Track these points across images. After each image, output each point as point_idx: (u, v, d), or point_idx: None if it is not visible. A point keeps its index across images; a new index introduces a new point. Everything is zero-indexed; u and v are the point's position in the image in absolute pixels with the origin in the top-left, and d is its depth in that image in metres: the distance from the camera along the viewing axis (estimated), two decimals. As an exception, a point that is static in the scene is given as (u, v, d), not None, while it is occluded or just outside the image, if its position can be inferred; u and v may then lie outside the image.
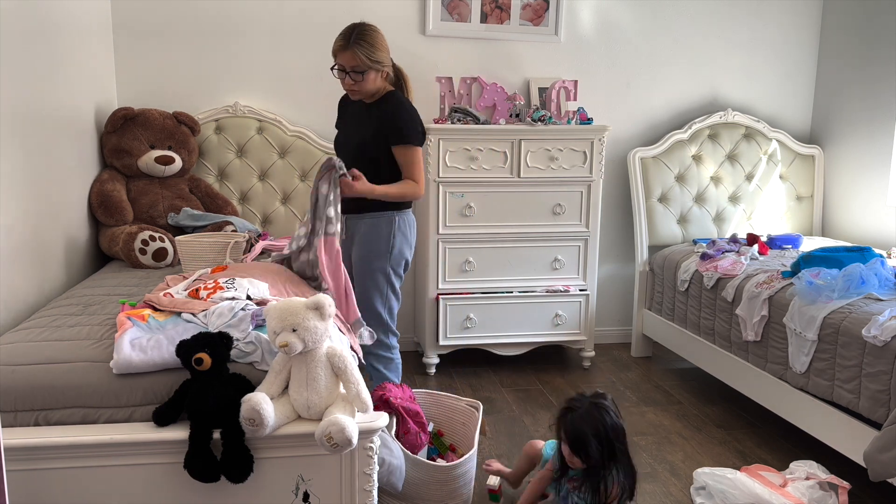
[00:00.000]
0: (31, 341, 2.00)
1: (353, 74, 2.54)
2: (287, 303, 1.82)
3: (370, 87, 2.58)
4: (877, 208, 3.84)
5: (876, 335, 2.42)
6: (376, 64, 2.54)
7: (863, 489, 2.55)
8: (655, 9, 4.02)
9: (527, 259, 3.70)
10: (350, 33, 2.53)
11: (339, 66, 2.57)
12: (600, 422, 2.02)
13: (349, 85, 2.58)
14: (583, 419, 2.03)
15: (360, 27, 2.55)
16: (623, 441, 2.06)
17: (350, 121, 2.71)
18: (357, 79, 2.55)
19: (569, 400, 2.13)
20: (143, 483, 1.77)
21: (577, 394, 2.16)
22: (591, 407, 2.05)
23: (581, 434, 2.01)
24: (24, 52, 2.54)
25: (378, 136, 2.59)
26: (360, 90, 2.58)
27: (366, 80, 2.55)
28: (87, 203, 3.13)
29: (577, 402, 2.09)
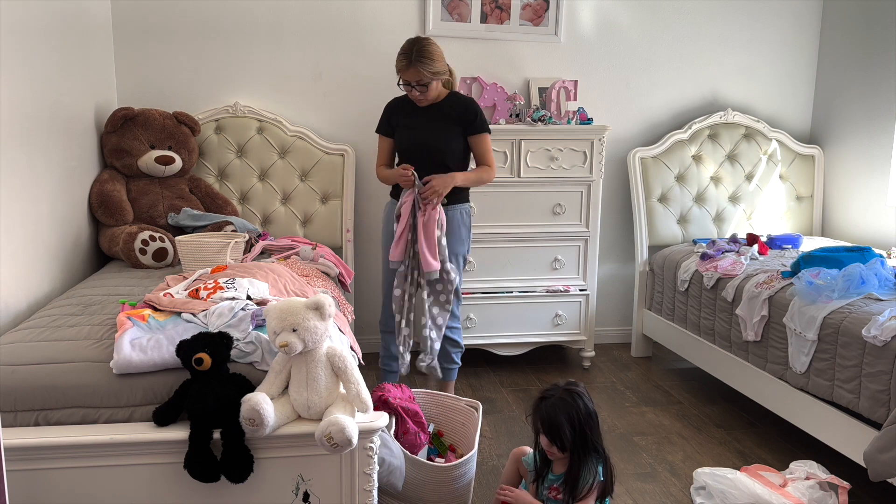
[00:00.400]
0: (31, 341, 2.00)
1: (419, 87, 2.86)
2: (287, 303, 1.82)
3: (434, 94, 2.91)
4: (877, 208, 3.84)
5: (876, 335, 2.42)
6: (437, 75, 2.87)
7: (863, 489, 2.55)
8: (655, 9, 4.02)
9: (527, 259, 3.70)
10: (410, 52, 2.81)
11: (405, 81, 2.87)
12: (573, 407, 2.05)
13: (417, 96, 2.89)
14: (556, 406, 2.05)
15: (418, 44, 2.83)
16: (595, 426, 2.09)
17: (422, 122, 2.95)
18: (423, 90, 2.87)
19: (543, 391, 2.15)
20: (143, 483, 1.77)
21: (551, 384, 2.18)
22: (564, 394, 2.08)
23: (555, 419, 2.04)
24: (25, 53, 2.54)
25: (458, 129, 2.93)
26: (426, 98, 2.91)
27: (430, 89, 2.87)
28: (87, 203, 3.13)
29: (550, 391, 2.12)
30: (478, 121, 2.95)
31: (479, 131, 2.96)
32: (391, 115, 3.04)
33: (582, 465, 2.05)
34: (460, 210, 2.99)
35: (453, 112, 2.94)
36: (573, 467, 2.06)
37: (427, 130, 2.93)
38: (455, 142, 2.94)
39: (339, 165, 3.67)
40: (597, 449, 2.08)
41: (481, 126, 2.96)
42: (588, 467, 2.06)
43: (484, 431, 3.01)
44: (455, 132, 2.94)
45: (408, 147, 2.98)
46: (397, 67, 2.85)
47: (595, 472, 2.06)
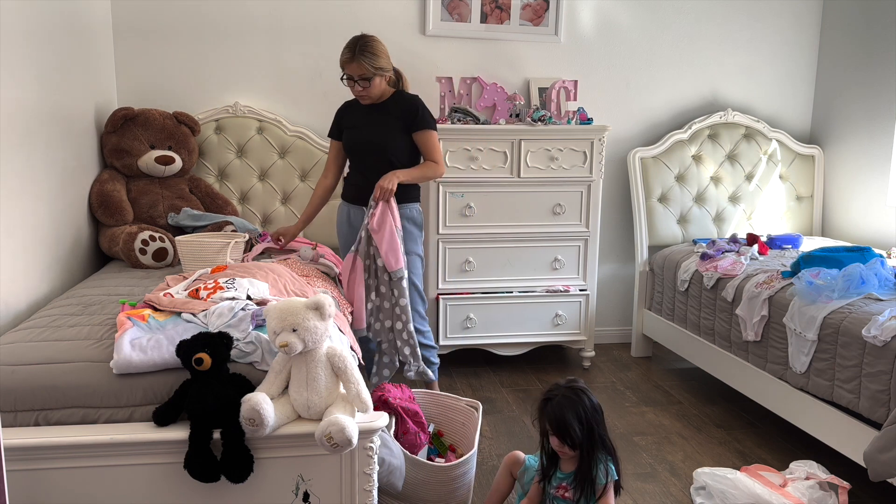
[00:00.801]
0: (31, 341, 2.00)
1: (361, 82, 2.87)
2: (287, 303, 1.82)
3: (376, 91, 2.92)
4: (877, 208, 3.84)
5: (876, 335, 2.42)
6: (380, 70, 2.87)
7: (863, 489, 2.55)
8: (655, 9, 4.02)
9: (527, 259, 3.70)
10: (354, 46, 2.84)
11: (347, 75, 2.89)
12: (579, 404, 2.06)
13: (358, 91, 2.91)
14: (562, 405, 2.06)
15: (363, 40, 2.86)
16: (601, 420, 2.10)
17: (363, 122, 2.98)
18: (365, 85, 2.88)
19: (546, 392, 2.16)
20: (143, 483, 1.77)
21: (552, 384, 2.18)
22: (567, 392, 2.09)
23: (563, 418, 2.04)
24: (25, 52, 2.54)
25: (401, 128, 2.95)
26: (368, 95, 2.92)
27: (372, 85, 2.88)
28: (87, 203, 3.13)
29: (553, 391, 2.13)
30: (419, 117, 2.95)
31: (422, 127, 2.96)
32: (339, 116, 3.09)
33: (592, 461, 2.06)
34: (409, 209, 3.00)
35: (396, 110, 2.96)
36: (583, 464, 2.07)
37: (370, 129, 2.96)
38: (398, 139, 2.96)
39: (339, 165, 3.67)
40: (604, 442, 2.09)
41: (423, 122, 2.96)
42: (598, 462, 2.07)
43: (484, 431, 3.01)
44: (397, 129, 2.95)
45: (352, 146, 3.02)
46: (341, 61, 2.87)
47: (607, 468, 2.07)
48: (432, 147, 2.99)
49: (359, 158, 3.00)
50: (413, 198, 3.03)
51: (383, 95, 2.98)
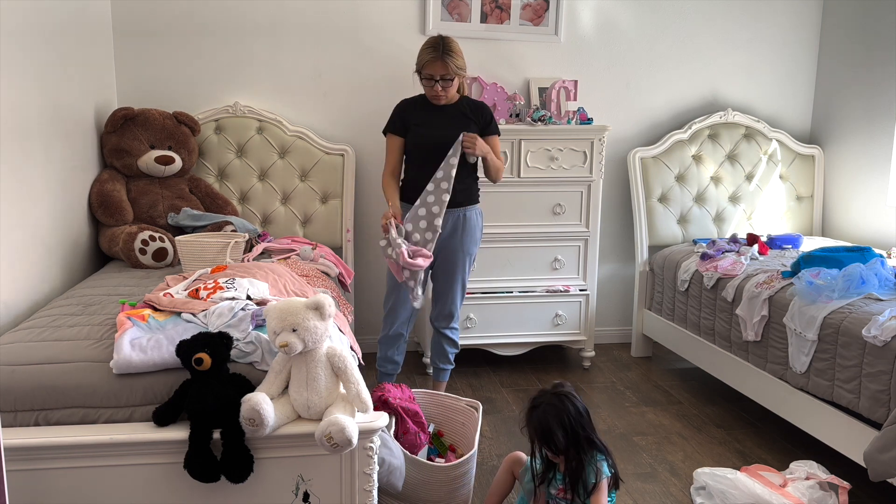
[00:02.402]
0: (31, 341, 2.00)
1: (442, 82, 2.86)
2: (287, 303, 1.82)
3: (453, 91, 2.93)
4: (877, 208, 3.84)
5: (876, 335, 2.42)
6: (461, 71, 2.88)
7: (863, 489, 2.55)
8: (655, 9, 4.02)
9: (527, 259, 3.70)
10: (438, 46, 2.84)
11: (428, 75, 2.86)
12: (563, 411, 2.06)
13: (437, 91, 2.89)
14: (546, 413, 2.06)
15: (446, 40, 2.86)
16: (588, 423, 2.10)
17: (437, 121, 2.95)
18: (447, 85, 2.88)
19: (532, 399, 2.15)
20: (143, 483, 1.77)
21: (538, 391, 2.18)
22: (552, 399, 2.09)
23: (546, 427, 2.04)
24: (25, 52, 2.54)
25: (476, 128, 2.95)
26: (446, 95, 2.92)
27: (452, 86, 2.90)
28: (87, 203, 3.13)
29: (539, 398, 2.12)
30: (494, 122, 3.02)
31: (495, 132, 3.02)
32: (403, 114, 3.01)
33: (579, 464, 2.07)
34: (476, 211, 3.03)
35: (469, 112, 2.97)
36: (570, 466, 2.08)
37: (445, 128, 2.91)
38: None
39: (339, 165, 3.67)
40: (593, 443, 2.09)
41: (495, 127, 3.03)
42: (589, 464, 2.07)
43: (484, 431, 3.01)
44: (473, 130, 2.93)
45: (424, 143, 2.94)
46: (422, 60, 2.85)
47: (598, 467, 2.08)
48: (498, 151, 3.03)
49: (428, 157, 2.90)
50: (476, 199, 3.06)
51: (452, 98, 2.98)
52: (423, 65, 2.86)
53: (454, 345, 3.14)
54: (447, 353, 3.13)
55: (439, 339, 3.13)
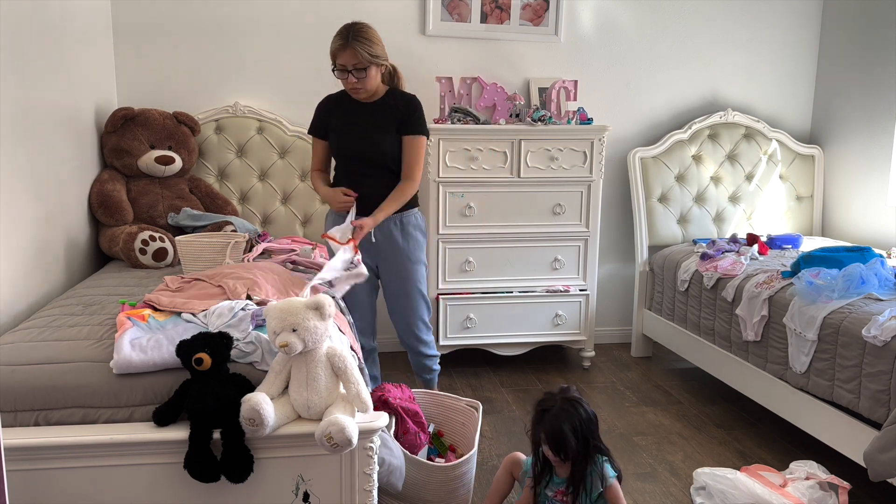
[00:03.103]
0: (31, 341, 2.00)
1: (355, 72, 2.60)
2: (287, 303, 1.82)
3: (372, 83, 2.65)
4: (877, 208, 3.84)
5: (876, 335, 2.42)
6: (376, 59, 2.61)
7: (863, 489, 2.55)
8: (655, 9, 4.02)
9: (527, 259, 3.70)
10: (347, 32, 2.59)
11: (340, 66, 2.61)
12: (575, 416, 2.06)
13: (352, 83, 2.63)
14: (558, 417, 2.05)
15: (356, 25, 2.62)
16: (596, 429, 2.11)
17: (355, 122, 2.73)
18: (360, 76, 2.61)
19: (540, 402, 2.14)
20: (143, 483, 1.77)
21: (544, 395, 2.17)
22: (563, 403, 2.08)
23: (559, 432, 2.04)
24: (25, 52, 2.54)
25: (395, 128, 2.70)
26: (363, 87, 2.64)
27: (368, 76, 2.62)
28: (87, 203, 3.13)
29: (549, 402, 2.11)
30: (413, 119, 2.69)
31: (414, 131, 2.70)
32: (323, 113, 2.81)
33: (586, 469, 2.08)
34: (412, 216, 2.81)
35: (390, 108, 2.70)
36: (577, 471, 2.08)
37: (363, 132, 2.70)
38: (393, 143, 2.72)
39: (339, 165, 3.67)
40: (599, 449, 2.10)
41: (416, 126, 2.70)
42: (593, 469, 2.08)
43: (484, 431, 3.01)
44: (392, 131, 2.70)
45: (342, 150, 2.75)
46: (331, 49, 2.61)
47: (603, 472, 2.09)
48: (416, 156, 2.71)
49: (349, 163, 2.74)
50: (413, 204, 2.84)
51: (377, 92, 2.72)
52: (333, 54, 2.61)
53: (432, 359, 2.98)
54: (424, 365, 2.98)
55: (415, 358, 2.98)
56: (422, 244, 2.85)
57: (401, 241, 2.79)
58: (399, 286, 2.83)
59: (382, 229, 2.75)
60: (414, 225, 2.81)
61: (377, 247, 2.78)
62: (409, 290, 2.83)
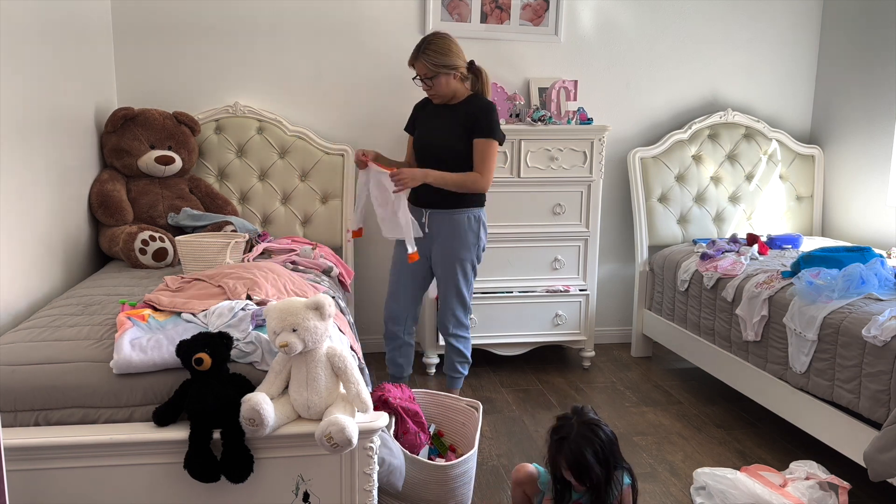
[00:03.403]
0: (31, 341, 2.00)
1: (425, 80, 2.83)
2: (287, 303, 1.82)
3: (444, 89, 2.84)
4: (877, 208, 3.84)
5: (876, 335, 2.42)
6: (443, 69, 2.79)
7: (863, 489, 2.55)
8: (655, 9, 4.02)
9: (527, 259, 3.69)
10: (420, 44, 2.82)
11: (416, 75, 2.86)
12: (596, 441, 1.97)
13: (426, 89, 2.87)
14: (579, 444, 1.96)
15: (429, 37, 2.84)
16: (617, 449, 2.04)
17: (434, 122, 2.93)
18: (429, 84, 2.83)
19: (556, 429, 2.04)
20: (143, 483, 1.77)
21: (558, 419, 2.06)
22: (582, 428, 1.98)
23: (582, 461, 1.95)
24: (25, 53, 2.54)
25: (465, 132, 2.84)
26: (436, 93, 2.86)
27: (438, 83, 2.82)
28: (87, 203, 3.13)
29: (565, 427, 2.01)
30: (482, 124, 2.84)
31: (482, 135, 2.84)
32: (416, 112, 3.07)
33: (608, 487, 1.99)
34: (467, 215, 2.92)
35: (462, 113, 2.87)
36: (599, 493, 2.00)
37: (435, 131, 2.91)
38: (458, 144, 2.86)
39: (339, 165, 3.67)
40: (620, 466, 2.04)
41: (485, 130, 2.84)
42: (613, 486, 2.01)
43: (484, 431, 3.01)
44: (458, 133, 2.85)
45: (417, 147, 2.98)
46: (409, 62, 2.87)
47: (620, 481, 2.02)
48: (482, 156, 2.85)
49: (422, 160, 2.93)
50: (473, 202, 2.94)
51: (456, 96, 2.90)
52: (409, 64, 2.87)
53: (460, 354, 3.07)
54: (453, 362, 3.09)
55: (446, 347, 3.11)
56: (471, 245, 2.94)
57: (450, 236, 2.91)
58: (442, 279, 2.98)
59: (436, 220, 2.90)
60: (467, 225, 2.92)
61: (429, 236, 2.91)
62: (448, 286, 2.98)
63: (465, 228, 2.92)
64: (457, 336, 3.05)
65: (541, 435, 3.06)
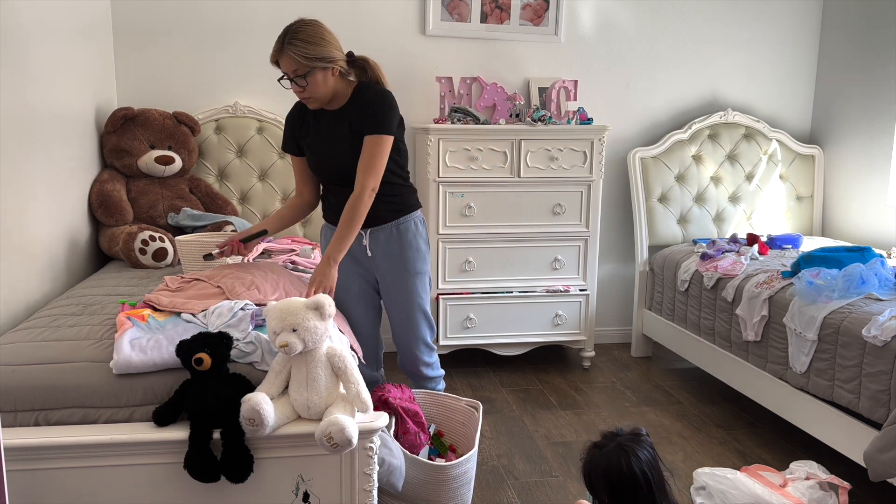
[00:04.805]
0: (31, 341, 2.00)
1: (297, 80, 2.23)
2: (287, 303, 1.82)
3: (321, 89, 2.26)
4: (877, 208, 3.84)
5: (876, 335, 2.42)
6: (317, 62, 2.20)
7: (863, 489, 2.55)
8: (655, 9, 4.02)
9: (527, 259, 3.70)
10: (284, 35, 2.23)
11: (282, 74, 2.26)
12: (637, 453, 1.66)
13: (298, 93, 2.27)
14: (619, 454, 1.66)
15: (294, 25, 2.24)
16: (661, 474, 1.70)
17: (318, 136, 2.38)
18: (302, 84, 2.23)
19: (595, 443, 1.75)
20: (143, 483, 1.77)
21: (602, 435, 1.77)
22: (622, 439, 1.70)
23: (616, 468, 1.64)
24: (25, 52, 2.54)
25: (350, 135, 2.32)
26: (311, 95, 2.27)
27: (313, 82, 2.23)
28: (87, 203, 3.13)
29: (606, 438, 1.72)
30: (370, 118, 2.26)
31: (370, 132, 2.26)
32: (292, 127, 2.46)
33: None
34: (413, 221, 2.47)
35: (352, 112, 2.31)
36: None
37: (326, 145, 2.34)
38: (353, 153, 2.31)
39: (339, 165, 3.67)
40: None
41: (373, 125, 2.26)
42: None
43: (484, 431, 3.01)
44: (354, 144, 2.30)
45: (314, 167, 2.41)
46: (271, 58, 2.28)
47: None
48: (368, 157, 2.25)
49: (325, 180, 2.44)
50: (412, 206, 2.49)
51: (338, 95, 2.33)
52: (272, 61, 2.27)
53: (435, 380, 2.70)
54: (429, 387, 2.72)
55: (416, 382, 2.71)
56: (424, 253, 2.50)
57: (398, 251, 2.45)
58: (398, 304, 2.52)
59: (377, 239, 2.43)
60: (413, 232, 2.46)
61: (373, 260, 2.47)
62: (409, 309, 2.52)
63: (413, 236, 2.46)
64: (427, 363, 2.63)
65: (541, 435, 3.06)
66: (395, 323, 2.59)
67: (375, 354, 2.70)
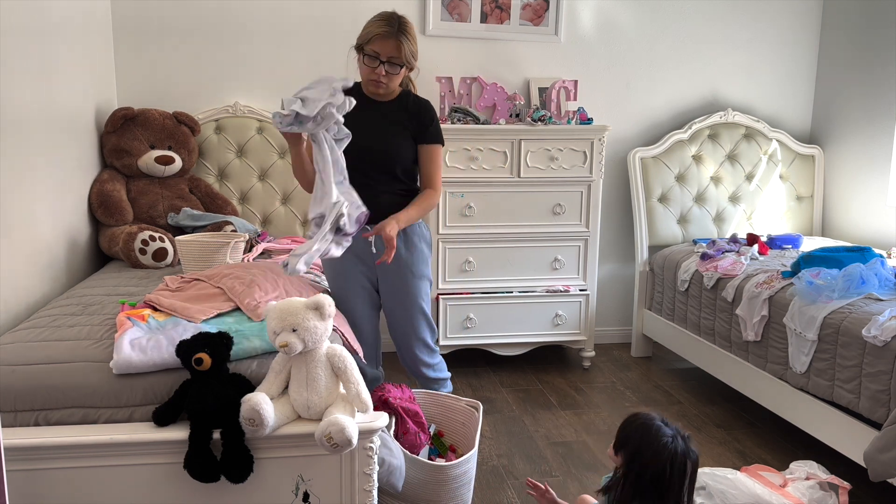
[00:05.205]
0: (31, 341, 2.00)
1: (389, 66, 2.34)
2: (287, 303, 1.82)
3: (396, 82, 2.41)
4: (877, 208, 3.84)
5: (876, 335, 2.42)
6: (413, 60, 2.39)
7: (863, 489, 2.55)
8: (655, 9, 4.02)
9: (527, 259, 3.70)
10: (395, 21, 2.33)
11: (373, 52, 2.33)
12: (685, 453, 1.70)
13: (379, 76, 2.35)
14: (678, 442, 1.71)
15: (404, 18, 2.37)
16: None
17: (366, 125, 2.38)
18: (393, 71, 2.35)
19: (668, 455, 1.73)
20: (143, 483, 1.77)
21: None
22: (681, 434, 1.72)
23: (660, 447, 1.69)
24: (24, 52, 2.54)
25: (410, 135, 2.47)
26: (388, 83, 2.39)
27: (398, 75, 2.38)
28: (87, 203, 3.13)
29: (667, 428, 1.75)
30: (434, 128, 2.48)
31: (434, 141, 2.48)
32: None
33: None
34: (419, 226, 2.56)
35: (405, 112, 2.46)
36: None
37: (373, 132, 2.41)
38: (407, 149, 2.47)
39: (339, 165, 3.67)
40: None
41: (436, 135, 2.49)
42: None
43: (484, 431, 3.01)
44: (406, 136, 2.45)
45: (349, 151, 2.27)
46: (370, 33, 2.32)
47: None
48: (437, 167, 2.49)
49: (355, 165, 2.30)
50: None
51: (393, 91, 2.47)
52: (371, 39, 2.32)
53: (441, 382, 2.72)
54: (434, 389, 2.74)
55: (420, 381, 2.72)
56: (426, 258, 2.57)
57: (404, 252, 2.50)
58: (399, 303, 2.57)
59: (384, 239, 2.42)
60: (419, 236, 2.54)
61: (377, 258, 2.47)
62: (409, 308, 2.57)
63: (419, 238, 2.55)
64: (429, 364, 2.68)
65: (541, 435, 3.06)
66: (395, 323, 2.63)
67: (375, 353, 2.72)
